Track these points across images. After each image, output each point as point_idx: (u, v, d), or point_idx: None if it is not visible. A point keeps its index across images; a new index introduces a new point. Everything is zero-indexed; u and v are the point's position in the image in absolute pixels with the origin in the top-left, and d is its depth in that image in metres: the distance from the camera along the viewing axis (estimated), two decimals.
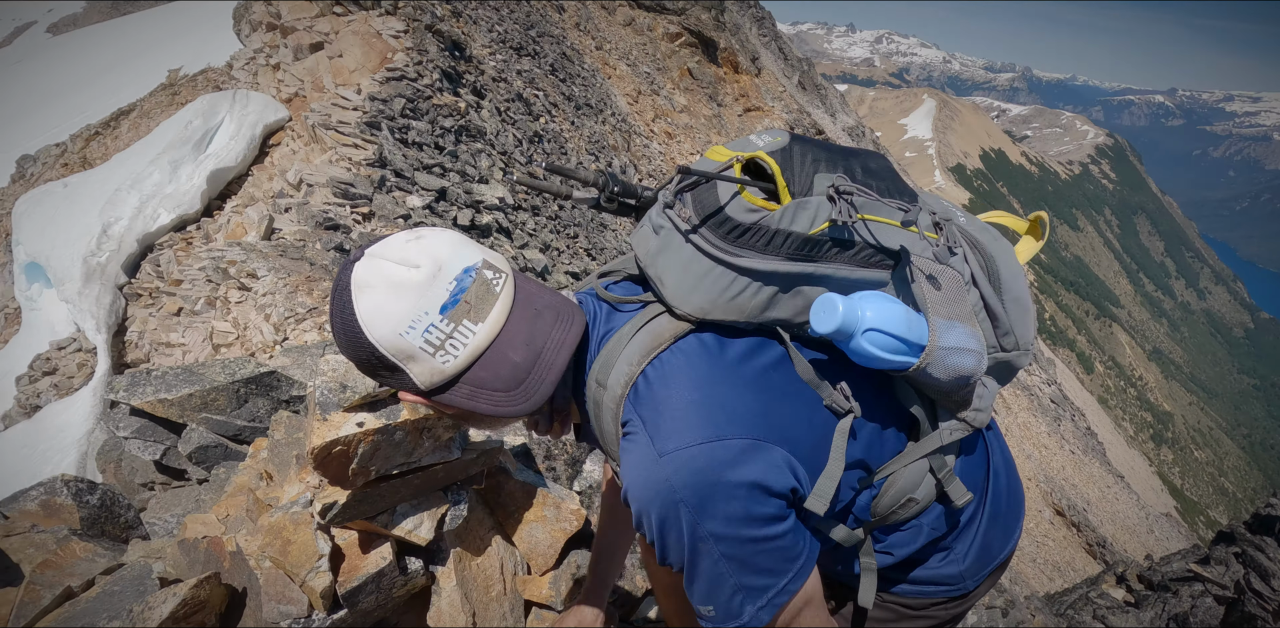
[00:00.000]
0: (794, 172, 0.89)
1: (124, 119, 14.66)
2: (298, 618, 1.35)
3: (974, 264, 0.97)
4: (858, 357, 0.90)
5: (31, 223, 9.46)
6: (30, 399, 8.73)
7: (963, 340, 0.90)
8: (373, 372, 0.89)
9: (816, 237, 0.88)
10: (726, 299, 0.89)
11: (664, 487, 0.83)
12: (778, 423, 0.88)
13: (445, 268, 0.84)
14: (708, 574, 0.87)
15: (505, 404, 0.86)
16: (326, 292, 8.46)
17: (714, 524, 0.83)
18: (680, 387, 0.88)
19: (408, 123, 11.81)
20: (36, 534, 2.06)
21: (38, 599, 1.59)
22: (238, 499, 2.02)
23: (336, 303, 0.86)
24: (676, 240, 0.92)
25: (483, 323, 0.85)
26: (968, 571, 1.10)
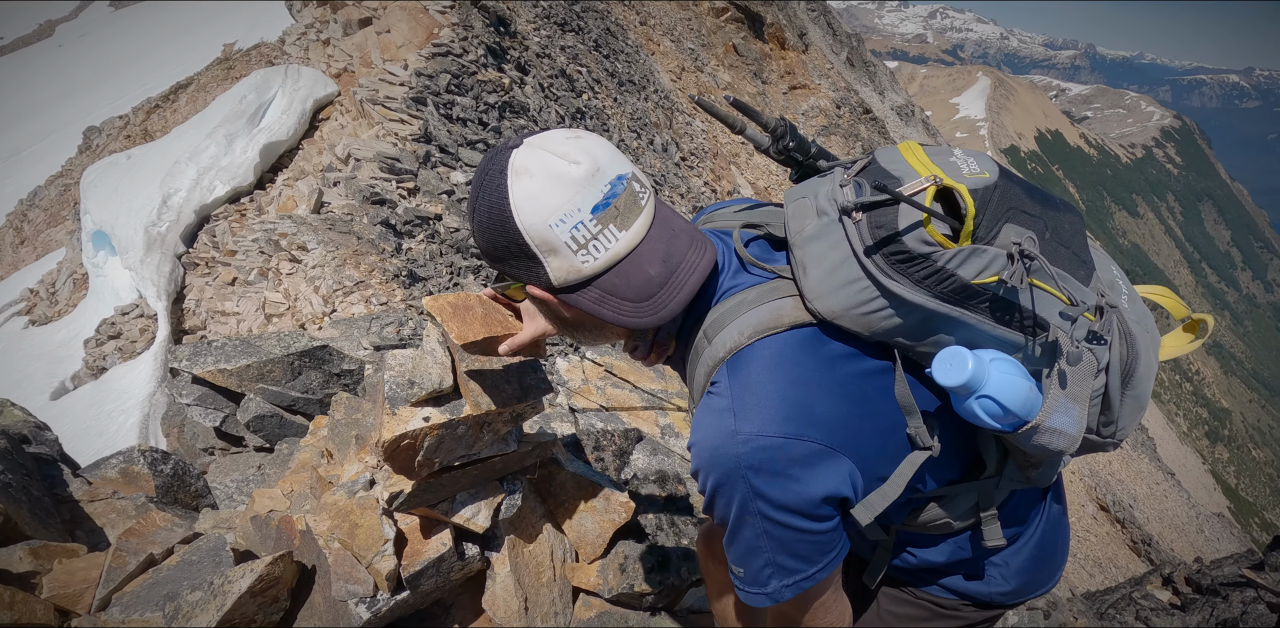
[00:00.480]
0: (986, 215, 0.85)
1: (182, 92, 15.06)
2: (364, 597, 1.43)
3: (1115, 355, 0.92)
4: (961, 411, 0.91)
5: (98, 193, 9.86)
6: (97, 361, 9.20)
7: (1067, 425, 0.88)
8: (506, 259, 0.89)
9: (977, 287, 0.85)
10: (860, 313, 0.88)
11: (732, 461, 0.86)
12: (855, 435, 0.89)
13: (602, 170, 0.85)
14: (747, 542, 0.91)
15: (631, 314, 0.88)
16: (373, 266, 8.65)
17: (766, 507, 0.87)
18: (778, 375, 0.88)
19: (452, 98, 11.87)
20: (117, 500, 2.20)
21: (124, 565, 1.71)
22: (301, 475, 2.12)
23: (487, 185, 0.86)
24: (836, 236, 0.89)
25: (626, 231, 0.86)
26: (999, 595, 1.12)
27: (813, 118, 31.22)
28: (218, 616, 1.38)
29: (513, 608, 1.59)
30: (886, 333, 0.90)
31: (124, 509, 2.17)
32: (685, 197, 17.96)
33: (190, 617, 1.41)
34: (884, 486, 0.93)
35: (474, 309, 1.44)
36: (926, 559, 1.11)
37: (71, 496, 2.16)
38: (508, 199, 0.84)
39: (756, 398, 0.87)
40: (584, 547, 1.79)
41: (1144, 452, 30.65)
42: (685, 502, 2.09)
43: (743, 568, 0.93)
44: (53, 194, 16.76)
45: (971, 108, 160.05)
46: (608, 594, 1.73)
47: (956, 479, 1.03)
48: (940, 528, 1.06)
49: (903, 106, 48.76)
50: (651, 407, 2.92)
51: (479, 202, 0.87)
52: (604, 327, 0.96)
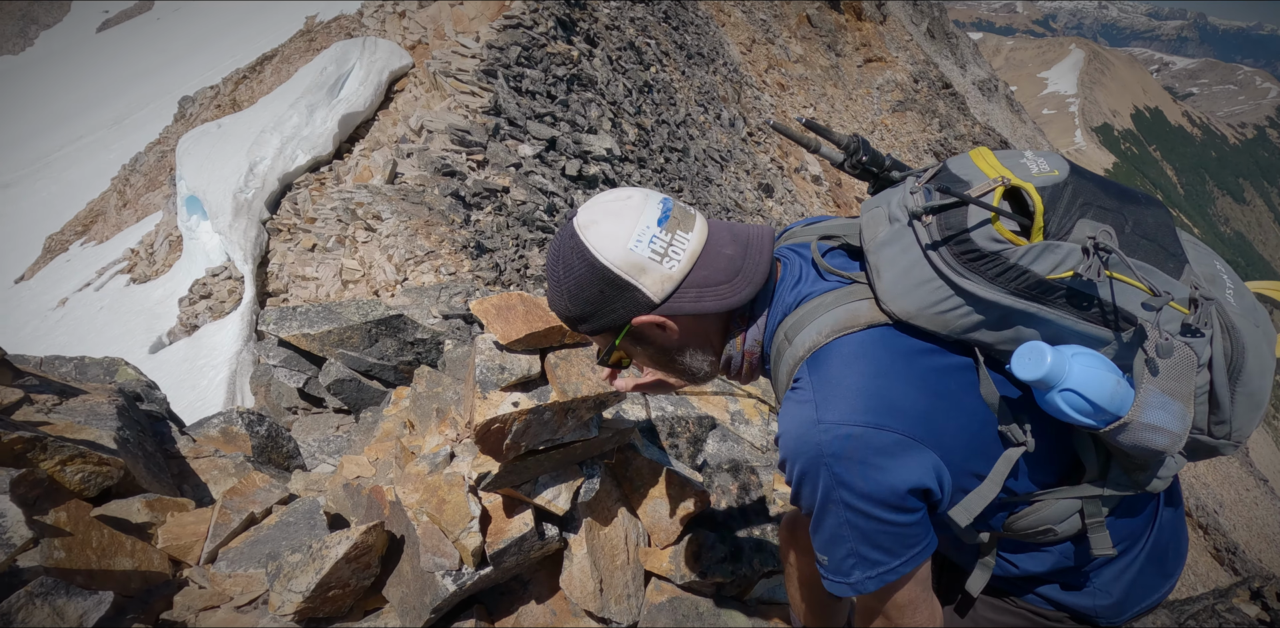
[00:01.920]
0: (1058, 211, 0.87)
1: (267, 64, 15.59)
2: (450, 570, 1.49)
3: (1218, 349, 0.91)
4: (1046, 408, 0.89)
5: (191, 160, 10.39)
6: (190, 319, 9.82)
7: (1166, 421, 0.86)
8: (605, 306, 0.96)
9: (1054, 282, 0.86)
10: (936, 312, 0.90)
11: (814, 449, 0.88)
12: (938, 428, 0.89)
13: (650, 196, 0.96)
14: (830, 530, 0.91)
15: (729, 295, 0.95)
16: (443, 236, 8.85)
17: (848, 495, 0.88)
18: (857, 369, 0.90)
19: (522, 71, 11.89)
20: (219, 458, 2.35)
21: (228, 522, 1.83)
22: (386, 445, 2.21)
23: (564, 252, 0.95)
24: (908, 240, 0.92)
25: (692, 232, 0.95)
26: (1104, 609, 1.07)
27: (888, 92, 29.92)
28: (316, 578, 1.46)
29: (588, 589, 1.63)
30: (964, 330, 0.91)
31: (225, 467, 2.32)
32: (751, 173, 17.60)
33: (291, 577, 1.50)
34: (981, 485, 0.92)
35: (515, 308, 1.47)
36: (1028, 569, 1.06)
37: (179, 452, 2.32)
38: (588, 248, 0.93)
39: (837, 390, 0.89)
40: (657, 532, 1.81)
41: (1235, 455, 28.82)
42: (758, 492, 2.08)
43: (826, 557, 0.94)
44: (151, 160, 17.77)
45: (1061, 83, 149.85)
46: (679, 580, 1.75)
47: (1053, 483, 0.99)
48: (1042, 536, 1.01)
49: (985, 81, 46.11)
50: (721, 392, 2.91)
51: (562, 269, 0.96)
52: (705, 347, 1.02)
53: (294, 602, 1.46)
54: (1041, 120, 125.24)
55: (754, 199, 16.64)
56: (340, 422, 3.52)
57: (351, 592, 1.55)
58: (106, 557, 1.59)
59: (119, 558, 1.61)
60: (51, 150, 29.75)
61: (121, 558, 1.63)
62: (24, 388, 2.04)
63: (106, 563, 1.58)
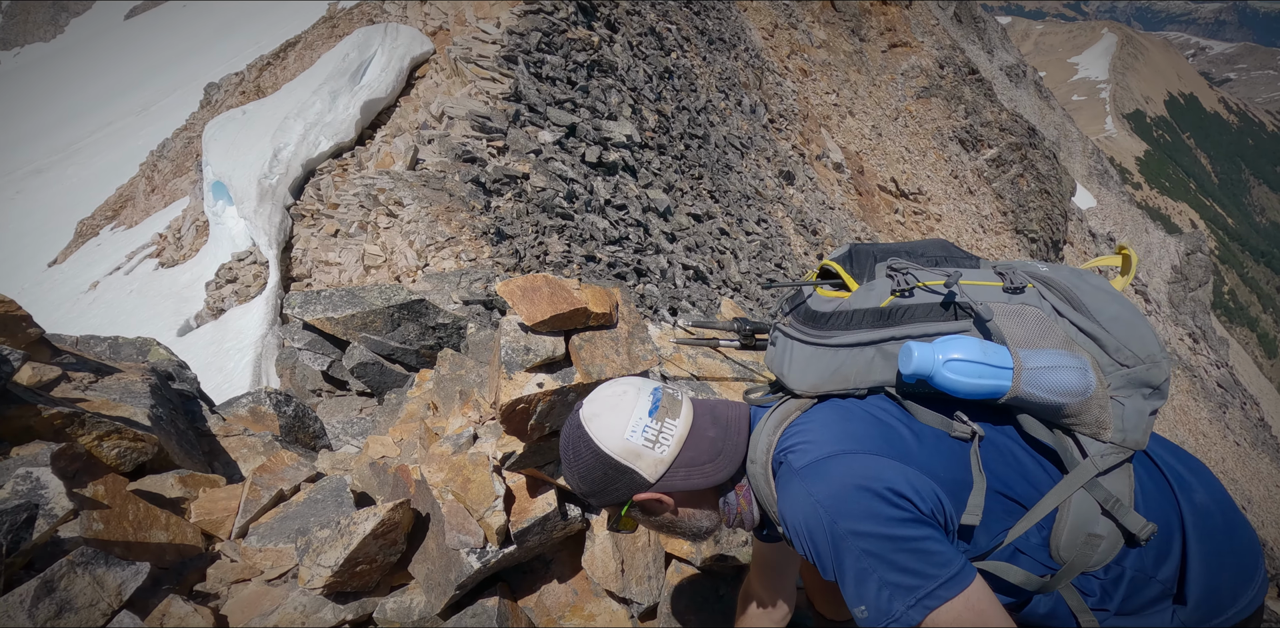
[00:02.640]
0: (855, 266, 1.12)
1: (291, 50, 15.67)
2: (475, 548, 1.52)
3: (1053, 299, 1.07)
4: (950, 390, 0.98)
5: (217, 146, 10.51)
6: (216, 303, 9.99)
7: (1054, 359, 0.98)
8: (609, 486, 1.10)
9: (887, 308, 1.05)
10: (831, 371, 1.08)
11: (806, 499, 0.96)
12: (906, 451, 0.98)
13: (641, 389, 1.11)
14: (854, 572, 0.92)
15: (713, 473, 1.09)
16: (464, 223, 8.89)
17: (849, 522, 0.92)
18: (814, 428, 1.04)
19: (542, 57, 11.83)
20: (248, 437, 2.40)
21: (259, 498, 1.87)
22: (410, 426, 2.24)
23: (574, 440, 1.10)
24: (786, 341, 1.14)
25: (678, 418, 1.09)
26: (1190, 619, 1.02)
27: (913, 78, 29.35)
28: (345, 553, 1.49)
29: (610, 569, 1.65)
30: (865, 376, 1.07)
31: (254, 445, 2.37)
32: (772, 160, 17.42)
33: (320, 552, 1.53)
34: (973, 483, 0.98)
35: (541, 290, 1.47)
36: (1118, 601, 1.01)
37: (210, 430, 2.37)
38: (591, 439, 1.07)
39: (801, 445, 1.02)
40: None
41: (1264, 451, 28.19)
42: None
43: (864, 604, 0.92)
44: (178, 146, 18.02)
45: (1093, 68, 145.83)
46: (699, 563, 1.76)
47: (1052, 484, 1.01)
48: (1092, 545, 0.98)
49: (1013, 67, 45.01)
50: (742, 378, 2.90)
51: (573, 455, 1.10)
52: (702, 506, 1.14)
53: (323, 576, 1.49)
54: (1071, 107, 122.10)
55: (774, 186, 16.49)
56: (363, 404, 3.57)
57: (379, 567, 1.58)
58: (142, 529, 1.63)
59: (154, 531, 1.66)
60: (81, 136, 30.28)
61: (157, 531, 1.67)
62: (62, 366, 2.10)
63: (143, 536, 1.62)
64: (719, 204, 13.59)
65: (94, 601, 1.26)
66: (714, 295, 10.28)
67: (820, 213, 17.52)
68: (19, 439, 1.66)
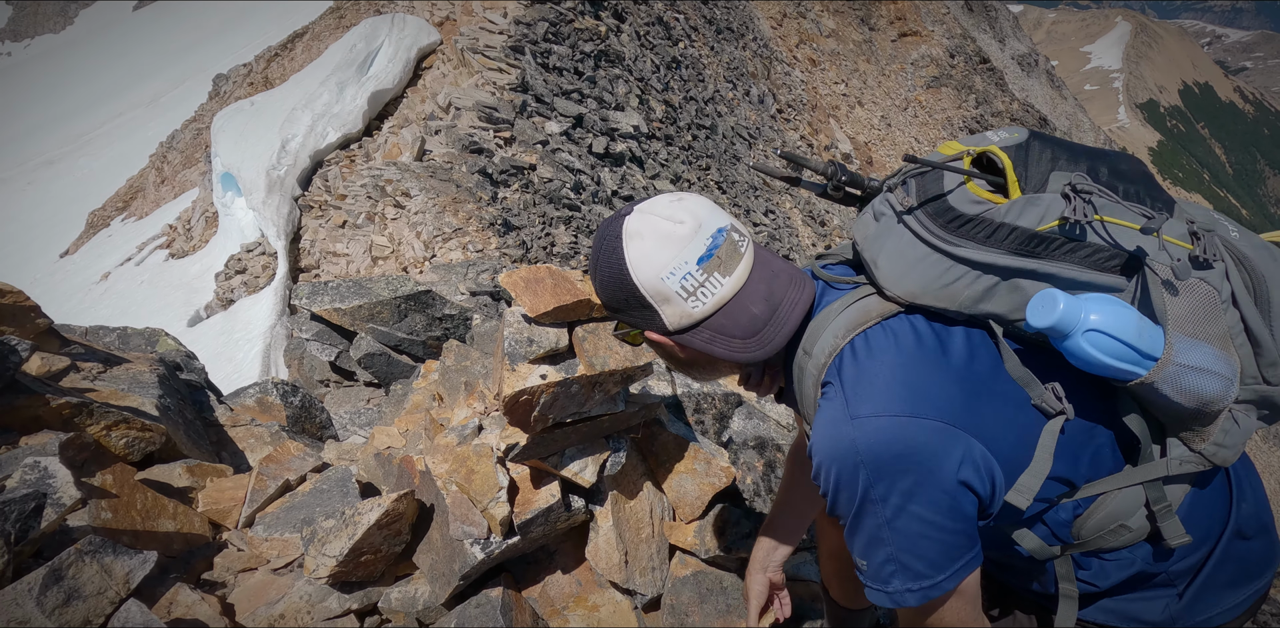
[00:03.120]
0: (1027, 167, 0.88)
1: (298, 41, 15.65)
2: (478, 539, 1.52)
3: (1237, 282, 0.88)
4: (1075, 359, 0.84)
5: (225, 137, 10.53)
6: (226, 293, 10.05)
7: (1208, 361, 0.82)
8: (625, 309, 0.98)
9: (1045, 233, 0.85)
10: (940, 286, 0.89)
11: (849, 447, 0.85)
12: (976, 417, 0.86)
13: (704, 226, 0.93)
14: (869, 532, 0.88)
15: (740, 350, 0.95)
16: (470, 214, 8.88)
17: (886, 492, 0.84)
18: (883, 361, 0.89)
19: (549, 47, 11.77)
20: (255, 427, 2.41)
21: (265, 488, 1.88)
22: (415, 416, 2.24)
23: (605, 248, 0.96)
24: (895, 226, 0.93)
25: (729, 277, 0.93)
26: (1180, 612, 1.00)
27: (923, 68, 29.04)
28: (349, 543, 1.50)
29: (614, 560, 1.65)
30: (974, 302, 0.89)
31: (260, 435, 2.38)
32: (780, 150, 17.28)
33: (325, 541, 1.54)
34: (1031, 464, 0.87)
35: (544, 281, 1.46)
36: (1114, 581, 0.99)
37: (217, 420, 2.38)
38: (624, 260, 0.93)
39: (865, 383, 0.88)
40: (682, 507, 1.82)
41: (1277, 445, 27.95)
42: (783, 469, 2.08)
43: (865, 561, 0.90)
44: (187, 137, 18.08)
45: (1105, 57, 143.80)
46: (704, 555, 1.76)
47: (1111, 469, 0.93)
48: (1116, 536, 0.93)
49: (1025, 56, 44.44)
50: None
51: (600, 262, 0.97)
52: (716, 363, 1.02)
53: (328, 566, 1.50)
54: (1083, 96, 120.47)
55: None
56: (371, 395, 3.59)
57: (383, 557, 1.59)
58: (150, 518, 1.65)
59: (162, 520, 1.67)
60: (92, 127, 30.41)
61: (164, 520, 1.68)
62: (70, 356, 2.11)
63: (150, 524, 1.63)
64: (726, 195, 13.53)
65: (102, 589, 1.27)
66: None
67: (828, 204, 17.41)
68: (28, 429, 1.68)
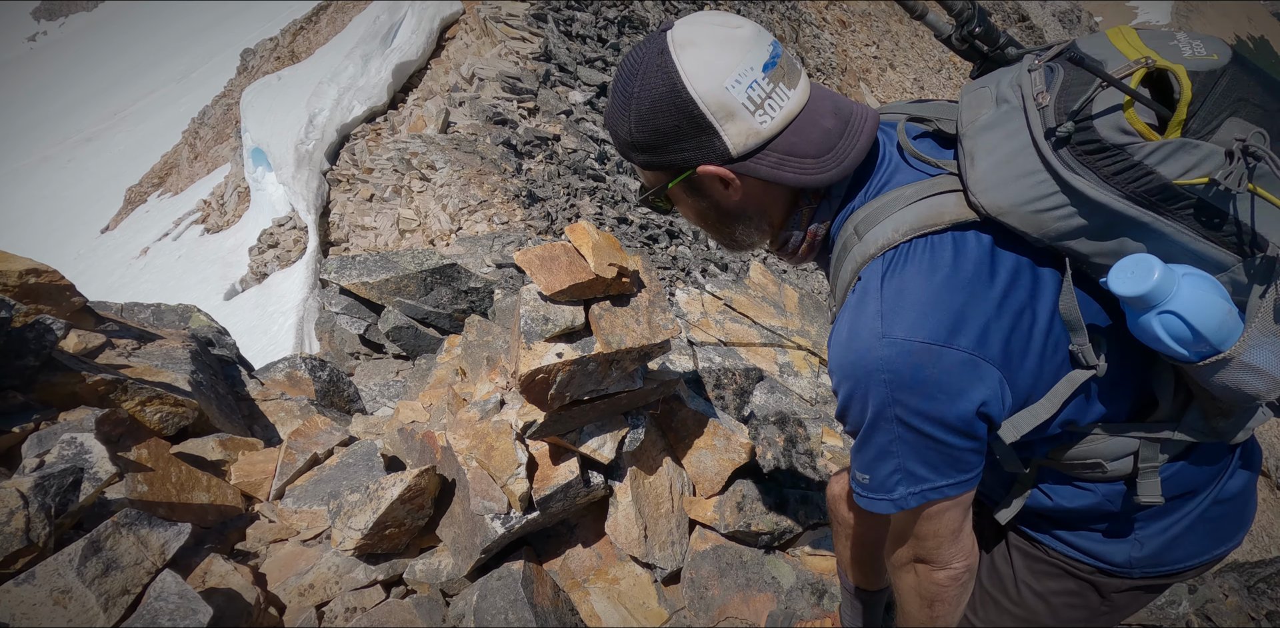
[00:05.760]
0: (1206, 103, 0.72)
1: (322, 14, 15.57)
2: (499, 514, 1.54)
3: None
4: (1138, 330, 0.79)
5: (254, 112, 10.61)
6: (260, 267, 10.26)
7: (1270, 364, 0.76)
8: (673, 143, 0.85)
9: (1181, 189, 0.73)
10: (1032, 210, 0.79)
11: (875, 363, 0.80)
12: (1010, 348, 0.82)
13: (761, 31, 0.83)
14: (878, 447, 0.85)
15: (812, 171, 0.85)
16: (496, 186, 8.86)
17: (905, 413, 0.81)
18: (931, 281, 0.81)
19: (572, 14, 11.52)
20: (285, 401, 2.47)
21: (294, 462, 1.93)
22: (439, 391, 2.27)
23: (647, 70, 0.83)
24: (1015, 124, 0.80)
25: (795, 89, 0.83)
26: (1138, 560, 1.00)
27: None
28: (373, 517, 1.53)
29: (633, 535, 1.66)
30: (1059, 236, 0.80)
31: (290, 409, 2.44)
32: None
33: (350, 515, 1.58)
34: (1036, 404, 0.85)
35: (559, 259, 1.44)
36: (1062, 504, 0.99)
37: (248, 394, 2.44)
38: (678, 72, 0.80)
39: (907, 300, 0.81)
40: (702, 482, 1.82)
41: None
42: (805, 444, 2.06)
43: (869, 475, 0.88)
44: (218, 113, 18.27)
45: (1154, 12, 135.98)
46: (724, 530, 1.77)
47: (1119, 419, 0.90)
48: (1089, 471, 0.93)
49: (1067, 12, 42.24)
50: (770, 344, 2.86)
51: (638, 90, 0.83)
52: (764, 213, 0.92)
53: (354, 538, 1.54)
54: None
55: None
56: (400, 367, 3.65)
57: (407, 531, 1.62)
58: (185, 491, 1.70)
59: (196, 492, 1.73)
60: (126, 104, 30.91)
61: (198, 492, 1.74)
62: (106, 333, 2.17)
63: (185, 497, 1.69)
64: None
65: (138, 560, 1.32)
66: (747, 257, 10.13)
67: None
68: (65, 405, 1.73)
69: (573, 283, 1.42)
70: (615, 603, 1.66)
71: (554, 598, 1.62)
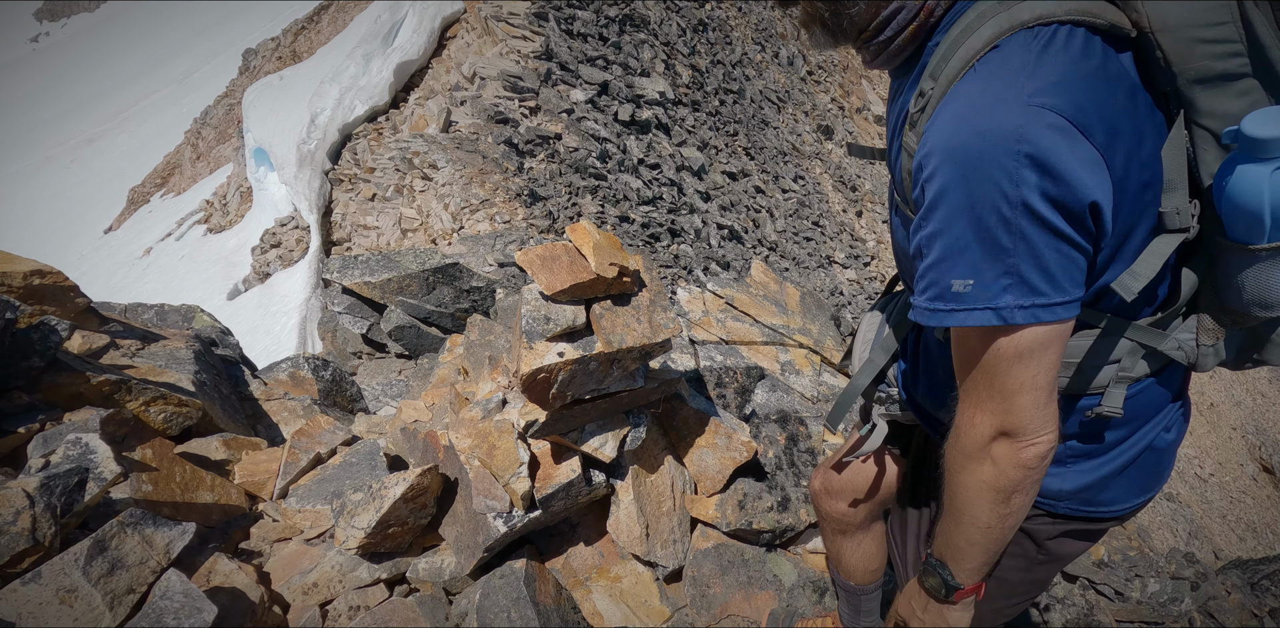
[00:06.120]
0: None
1: (324, 13, 15.58)
2: (501, 512, 1.55)
3: None
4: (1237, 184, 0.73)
5: (256, 112, 10.62)
6: (262, 267, 10.28)
7: None
8: None
9: None
10: (1194, 36, 0.73)
11: (1013, 132, 0.70)
12: (1126, 171, 0.75)
13: None
14: (990, 243, 0.73)
15: None
16: (497, 185, 8.87)
17: (1036, 198, 0.70)
18: (1084, 64, 0.74)
19: (573, 13, 11.51)
20: (288, 401, 2.48)
21: (297, 461, 1.94)
22: (441, 390, 2.28)
23: None
24: None
25: None
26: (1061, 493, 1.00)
27: None
28: (376, 516, 1.54)
29: (635, 533, 1.67)
30: (1199, 76, 0.74)
31: (294, 409, 2.45)
32: (810, 114, 16.82)
33: (354, 514, 1.58)
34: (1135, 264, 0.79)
35: (560, 259, 1.45)
36: None
37: (252, 394, 2.45)
38: None
39: (1056, 73, 0.72)
40: (704, 481, 1.83)
41: None
42: (806, 442, 2.07)
43: (973, 279, 0.75)
44: (220, 113, 18.30)
45: None
46: (725, 528, 1.78)
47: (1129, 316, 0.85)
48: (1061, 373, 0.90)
49: None
50: (772, 342, 2.87)
51: None
52: None
53: (357, 537, 1.55)
54: None
55: (813, 141, 15.98)
56: (402, 366, 3.66)
57: (410, 530, 1.63)
58: (189, 491, 1.71)
59: (200, 492, 1.74)
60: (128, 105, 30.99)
61: (203, 492, 1.75)
62: (110, 334, 2.18)
63: (189, 496, 1.70)
64: (755, 161, 13.25)
65: (144, 559, 1.33)
66: (749, 255, 10.13)
67: (860, 168, 16.95)
68: (70, 405, 1.74)
69: (574, 282, 1.42)
70: (617, 601, 1.67)
71: (556, 596, 1.62)
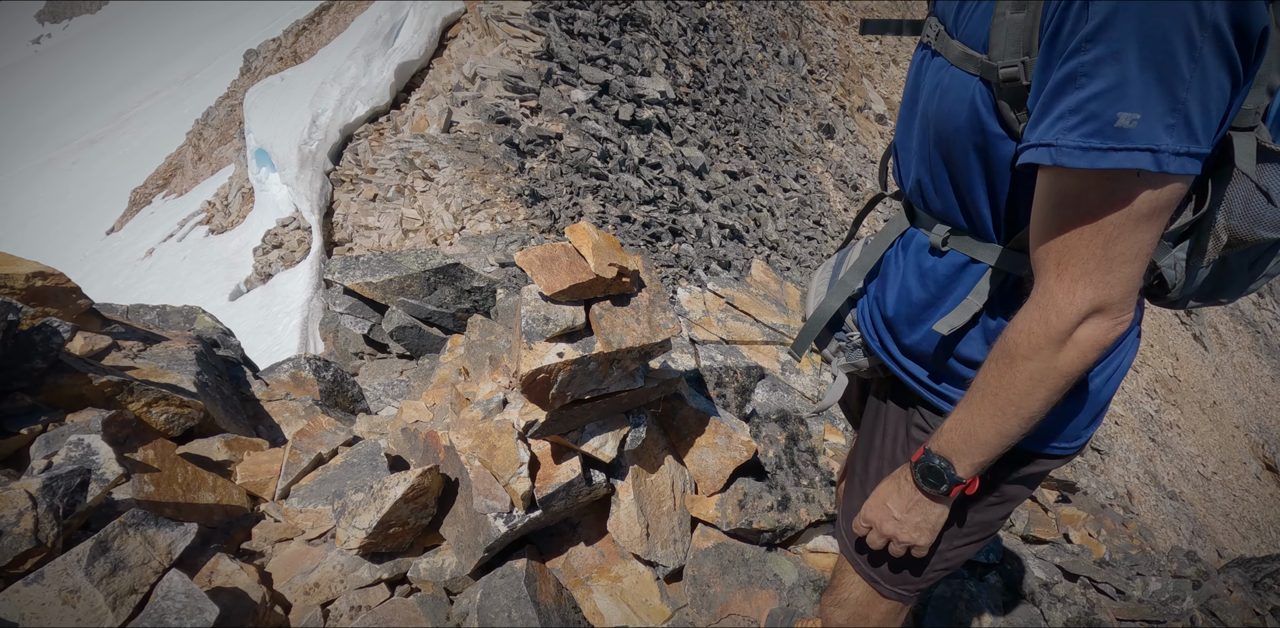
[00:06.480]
0: None
1: (325, 14, 15.61)
2: (501, 512, 1.55)
3: None
4: None
5: (258, 113, 10.64)
6: (264, 268, 10.30)
7: None
8: None
9: None
10: None
11: None
12: None
13: None
14: (1170, 69, 0.63)
15: None
16: (498, 185, 8.87)
17: (1225, 20, 0.62)
18: None
19: (574, 13, 11.52)
20: (290, 401, 2.49)
21: (299, 462, 1.95)
22: (442, 391, 2.28)
23: None
24: None
25: None
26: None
27: None
28: (377, 516, 1.55)
29: (635, 533, 1.67)
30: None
31: (295, 409, 2.45)
32: (811, 113, 16.81)
33: (355, 514, 1.59)
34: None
35: (559, 259, 1.45)
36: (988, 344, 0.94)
37: (253, 395, 2.46)
38: None
39: None
40: (704, 480, 1.83)
41: None
42: (806, 442, 2.07)
43: (1140, 113, 0.65)
44: (221, 114, 18.33)
45: None
46: (725, 527, 1.78)
47: None
48: None
49: None
50: (772, 341, 2.87)
51: None
52: None
53: (358, 537, 1.55)
54: None
55: (814, 140, 15.96)
56: (404, 367, 3.67)
57: (411, 530, 1.64)
58: (191, 491, 1.72)
59: (202, 493, 1.74)
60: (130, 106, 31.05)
61: (205, 493, 1.76)
62: (112, 335, 2.18)
63: (191, 497, 1.71)
64: (755, 160, 13.25)
65: (146, 559, 1.33)
66: (750, 254, 10.13)
67: (861, 167, 16.93)
68: (73, 407, 1.75)
69: (573, 283, 1.42)
70: (618, 601, 1.68)
71: (557, 596, 1.63)
